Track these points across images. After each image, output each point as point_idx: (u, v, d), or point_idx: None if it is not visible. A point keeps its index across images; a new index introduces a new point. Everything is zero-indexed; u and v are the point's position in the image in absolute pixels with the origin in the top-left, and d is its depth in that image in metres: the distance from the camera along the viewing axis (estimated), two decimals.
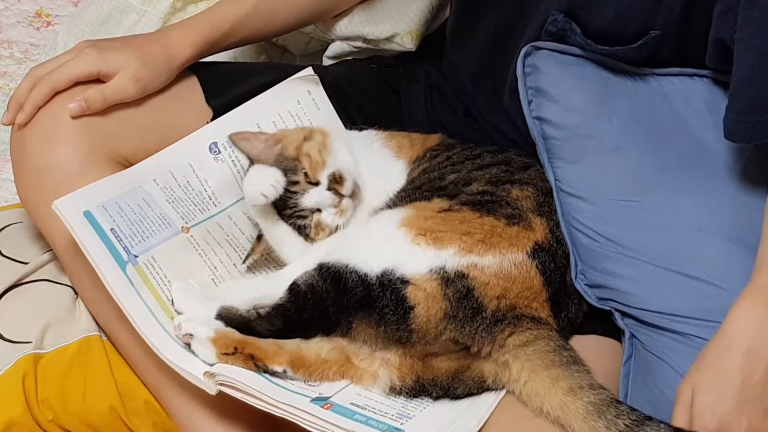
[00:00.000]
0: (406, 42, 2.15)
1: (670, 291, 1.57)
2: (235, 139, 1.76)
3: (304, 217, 1.71)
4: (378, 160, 1.79)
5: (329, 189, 1.69)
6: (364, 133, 1.86)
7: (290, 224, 1.72)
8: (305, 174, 1.71)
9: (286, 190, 1.70)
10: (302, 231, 1.72)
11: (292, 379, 1.54)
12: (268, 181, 1.67)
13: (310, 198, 1.70)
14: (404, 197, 1.69)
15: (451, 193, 1.65)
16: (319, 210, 1.70)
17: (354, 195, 1.71)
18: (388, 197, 1.73)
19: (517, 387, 1.51)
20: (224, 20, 1.90)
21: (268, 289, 1.60)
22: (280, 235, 1.73)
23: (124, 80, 1.77)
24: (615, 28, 1.62)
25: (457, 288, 1.50)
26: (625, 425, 1.40)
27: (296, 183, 1.71)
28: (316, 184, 1.70)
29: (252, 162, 1.75)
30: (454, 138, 1.88)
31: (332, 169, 1.70)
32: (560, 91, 1.67)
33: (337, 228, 1.70)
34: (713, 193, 1.60)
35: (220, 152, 1.82)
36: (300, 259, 1.68)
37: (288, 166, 1.72)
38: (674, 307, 1.57)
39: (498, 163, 1.74)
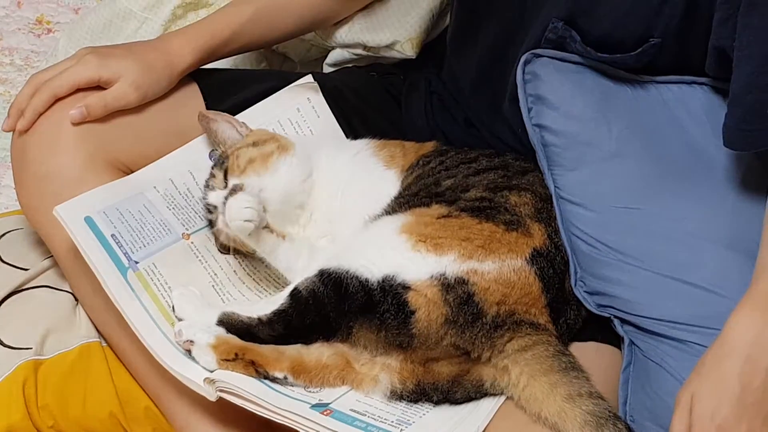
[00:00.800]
0: (407, 49, 2.15)
1: (669, 298, 1.57)
2: (213, 118, 1.79)
3: (210, 212, 1.73)
4: (367, 170, 1.79)
5: (227, 197, 1.68)
6: (356, 143, 1.86)
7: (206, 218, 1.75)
8: (225, 173, 1.72)
9: (211, 174, 1.74)
10: (211, 226, 1.75)
11: (293, 386, 1.54)
12: (242, 206, 1.66)
13: (212, 196, 1.73)
14: (403, 203, 1.68)
15: (450, 199, 1.65)
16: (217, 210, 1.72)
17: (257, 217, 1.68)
18: (380, 207, 1.72)
19: (516, 392, 1.51)
20: (225, 27, 1.90)
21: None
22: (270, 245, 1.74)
23: (125, 87, 1.77)
24: (614, 35, 1.62)
25: (458, 294, 1.51)
26: None
27: (213, 176, 1.74)
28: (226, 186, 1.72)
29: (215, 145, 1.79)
30: (454, 145, 1.88)
31: (239, 181, 1.70)
32: (560, 99, 1.67)
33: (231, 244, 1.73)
34: (713, 200, 1.60)
35: None
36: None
37: (220, 158, 1.75)
38: (673, 314, 1.57)
39: (495, 167, 1.75)
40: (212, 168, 1.75)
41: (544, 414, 1.47)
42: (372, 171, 1.80)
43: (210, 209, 1.74)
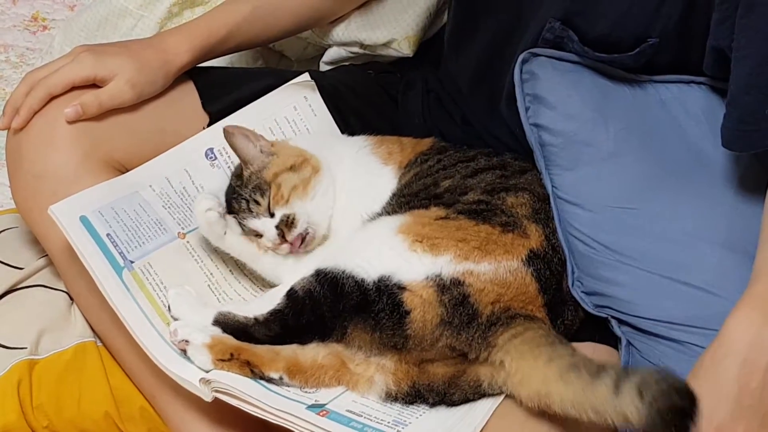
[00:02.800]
0: (403, 48, 2.15)
1: (666, 299, 1.57)
2: (232, 132, 1.75)
3: (244, 230, 1.73)
4: (366, 168, 1.79)
5: (278, 227, 1.69)
6: (354, 139, 1.86)
7: (237, 220, 1.73)
8: (267, 201, 1.71)
9: (247, 202, 1.72)
10: (243, 230, 1.74)
11: (288, 386, 1.53)
12: (207, 207, 1.67)
13: (256, 223, 1.71)
14: (402, 204, 1.68)
15: (448, 201, 1.65)
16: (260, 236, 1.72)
17: (302, 241, 1.70)
18: (377, 204, 1.73)
19: (511, 382, 1.48)
20: (221, 25, 1.89)
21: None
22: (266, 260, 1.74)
23: (121, 85, 1.76)
24: (612, 35, 1.62)
25: (453, 295, 1.50)
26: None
27: (258, 204, 1.71)
28: (272, 215, 1.71)
29: (245, 164, 1.76)
30: (450, 143, 1.88)
31: (290, 211, 1.70)
32: (558, 98, 1.66)
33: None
34: (711, 200, 1.60)
35: (216, 158, 1.82)
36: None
37: (259, 184, 1.72)
38: (671, 314, 1.57)
39: (493, 167, 1.74)
40: (250, 194, 1.72)
41: (533, 389, 1.43)
42: (370, 169, 1.80)
43: (246, 226, 1.73)
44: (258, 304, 1.61)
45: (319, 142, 1.84)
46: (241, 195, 1.73)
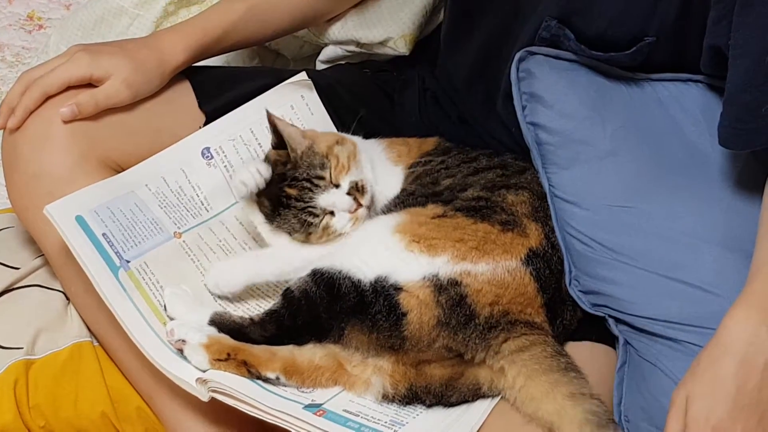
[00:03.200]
0: (400, 46, 2.14)
1: (664, 297, 1.57)
2: (274, 119, 1.73)
3: (315, 215, 1.69)
4: (380, 169, 1.78)
5: (349, 194, 1.68)
6: (369, 142, 1.85)
7: (296, 216, 1.69)
8: (330, 174, 1.70)
9: (309, 181, 1.69)
10: (305, 228, 1.70)
11: (285, 386, 1.53)
12: (250, 171, 1.66)
13: (327, 198, 1.68)
14: (398, 203, 1.69)
15: (446, 198, 1.65)
16: (331, 213, 1.69)
17: (369, 208, 1.70)
18: (386, 202, 1.73)
19: (512, 393, 1.51)
20: (217, 25, 1.89)
21: (258, 270, 1.62)
22: (280, 243, 1.72)
23: (117, 85, 1.76)
24: (609, 34, 1.61)
25: (450, 295, 1.50)
26: None
27: (322, 178, 1.69)
28: (337, 186, 1.70)
29: (276, 147, 1.74)
30: (450, 142, 1.88)
31: (356, 178, 1.70)
32: (554, 97, 1.66)
33: (339, 236, 1.69)
34: (708, 199, 1.60)
35: (212, 157, 1.82)
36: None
37: (315, 161, 1.71)
38: (668, 313, 1.56)
39: (494, 167, 1.74)
40: (311, 172, 1.70)
41: (541, 413, 1.47)
42: (386, 170, 1.80)
43: (315, 212, 1.69)
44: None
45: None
46: (297, 177, 1.70)
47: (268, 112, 1.74)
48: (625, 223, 1.61)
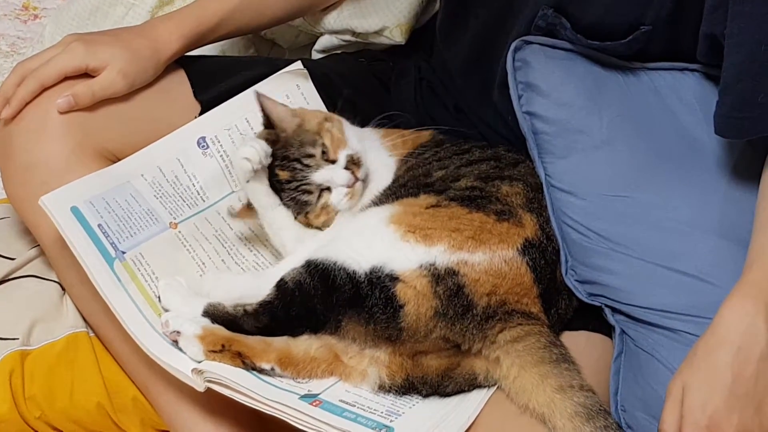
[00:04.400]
0: (396, 35, 2.14)
1: (660, 287, 1.57)
2: (262, 99, 1.74)
3: (309, 192, 1.69)
4: (374, 159, 1.78)
5: (347, 167, 1.69)
6: (365, 130, 1.85)
7: (292, 198, 1.70)
8: (323, 150, 1.70)
9: (299, 161, 1.69)
10: (302, 207, 1.70)
11: (281, 377, 1.53)
12: (252, 146, 1.65)
13: (323, 174, 1.69)
14: (390, 194, 1.68)
15: (439, 188, 1.64)
16: (327, 189, 1.69)
17: (365, 181, 1.71)
18: (378, 192, 1.73)
19: (506, 383, 1.51)
20: (212, 13, 1.89)
21: (256, 288, 1.58)
22: (278, 220, 1.72)
23: (113, 75, 1.76)
24: (605, 23, 1.61)
25: (448, 285, 1.50)
26: None
27: (311, 156, 1.69)
28: (333, 162, 1.70)
29: (267, 128, 1.74)
30: (444, 133, 1.87)
31: (351, 151, 1.70)
32: (550, 86, 1.66)
33: (336, 214, 1.70)
34: (704, 188, 1.60)
35: (208, 147, 1.82)
36: (288, 256, 1.67)
37: (307, 138, 1.71)
38: (665, 303, 1.56)
39: (487, 158, 1.74)
40: (303, 150, 1.71)
41: (532, 404, 1.47)
42: (380, 158, 1.80)
43: (310, 189, 1.70)
44: (249, 281, 1.63)
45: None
46: (289, 157, 1.71)
47: (257, 92, 1.75)
48: (622, 212, 1.61)
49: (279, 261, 1.71)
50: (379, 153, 1.80)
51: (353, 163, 1.70)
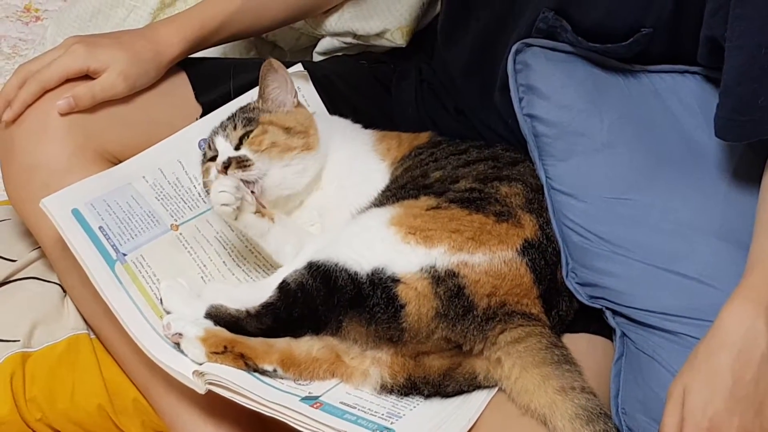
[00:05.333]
0: (397, 38, 2.14)
1: (661, 289, 1.57)
2: (276, 69, 1.80)
3: (210, 150, 1.77)
4: (364, 165, 1.79)
5: (230, 159, 1.71)
6: (362, 134, 1.85)
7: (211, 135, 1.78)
8: (246, 135, 1.73)
9: (234, 123, 1.76)
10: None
11: (282, 378, 1.53)
12: (224, 190, 1.63)
13: (221, 142, 1.75)
14: (390, 196, 1.68)
15: (438, 190, 1.65)
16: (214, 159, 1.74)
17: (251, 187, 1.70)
18: (369, 198, 1.72)
19: (507, 384, 1.51)
20: (214, 16, 1.89)
21: (256, 299, 1.57)
22: (277, 238, 1.70)
23: (113, 77, 1.76)
24: (606, 25, 1.61)
25: (448, 286, 1.50)
26: None
27: (234, 129, 1.75)
28: (236, 149, 1.73)
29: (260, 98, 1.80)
30: (445, 135, 1.87)
31: (252, 159, 1.71)
32: (551, 88, 1.66)
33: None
34: (705, 190, 1.60)
35: None
36: (287, 264, 1.67)
37: (250, 118, 1.77)
38: (665, 305, 1.56)
39: (485, 158, 1.74)
40: (238, 119, 1.76)
41: (534, 406, 1.47)
42: (369, 166, 1.80)
43: (210, 154, 1.76)
44: (247, 293, 1.61)
45: (333, 128, 1.84)
46: (234, 115, 1.78)
47: (269, 61, 1.79)
48: (622, 215, 1.61)
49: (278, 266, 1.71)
50: (369, 160, 1.81)
51: (237, 162, 1.70)
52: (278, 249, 1.70)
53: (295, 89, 1.81)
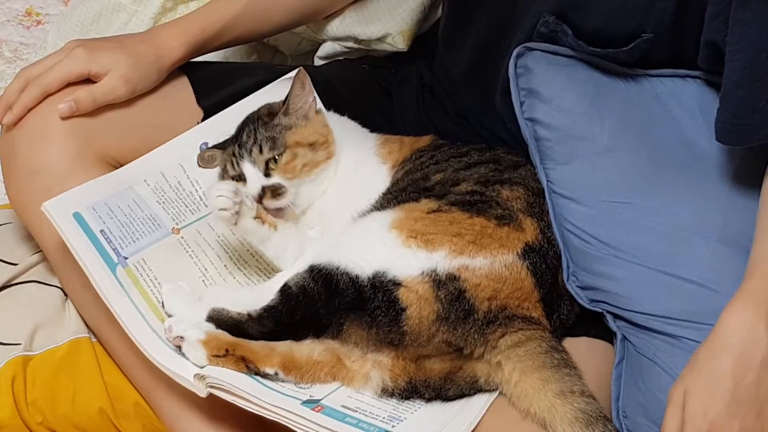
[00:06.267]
0: (398, 42, 2.14)
1: (662, 293, 1.57)
2: (302, 79, 1.75)
3: (234, 168, 1.73)
4: (366, 168, 1.79)
5: (264, 189, 1.69)
6: (365, 140, 1.85)
7: (227, 160, 1.74)
8: (274, 159, 1.71)
9: (261, 145, 1.71)
10: (226, 173, 1.75)
11: (284, 382, 1.53)
12: (221, 195, 1.62)
13: (248, 168, 1.70)
14: (391, 199, 1.68)
15: (439, 193, 1.65)
16: (242, 179, 1.71)
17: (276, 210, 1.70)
18: (369, 203, 1.72)
19: (508, 388, 1.51)
20: (215, 20, 1.89)
21: (257, 303, 1.57)
22: (278, 244, 1.69)
23: (114, 81, 1.76)
24: (606, 30, 1.61)
25: (449, 290, 1.50)
26: None
27: (260, 153, 1.71)
28: (266, 176, 1.71)
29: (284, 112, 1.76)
30: (446, 139, 1.87)
31: (286, 185, 1.70)
32: (552, 92, 1.66)
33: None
34: (705, 194, 1.60)
35: None
36: (287, 268, 1.67)
37: (276, 139, 1.72)
38: (666, 309, 1.56)
39: (486, 161, 1.74)
40: (263, 139, 1.72)
41: (533, 410, 1.47)
42: (370, 169, 1.80)
43: (234, 171, 1.73)
44: (248, 296, 1.61)
45: (342, 130, 1.84)
46: (253, 133, 1.73)
47: (300, 70, 1.75)
48: (623, 218, 1.61)
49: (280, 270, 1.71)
50: (371, 163, 1.81)
51: (272, 191, 1.69)
52: (279, 255, 1.70)
53: (315, 96, 1.80)
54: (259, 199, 1.69)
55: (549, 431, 1.46)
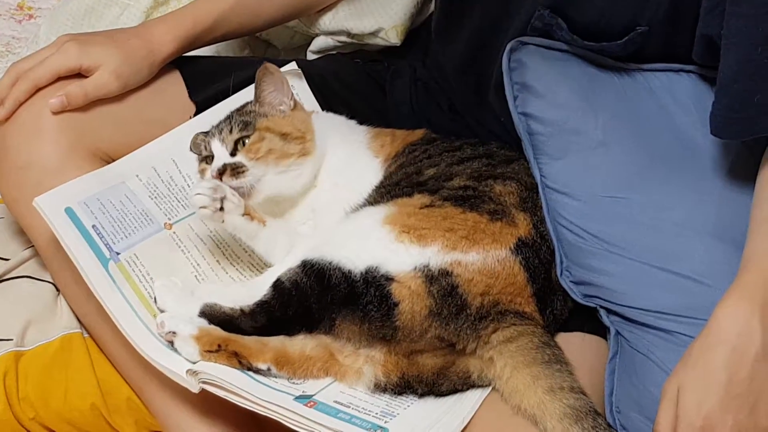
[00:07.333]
0: (391, 37, 2.14)
1: (655, 288, 1.57)
2: (272, 72, 1.76)
3: (206, 149, 1.74)
4: (358, 162, 1.79)
5: (226, 165, 1.68)
6: (355, 134, 1.85)
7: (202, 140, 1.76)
8: (243, 142, 1.71)
9: (231, 126, 1.73)
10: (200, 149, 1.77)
11: (276, 377, 1.53)
12: (200, 193, 1.63)
13: (216, 146, 1.71)
14: (384, 193, 1.68)
15: (432, 188, 1.64)
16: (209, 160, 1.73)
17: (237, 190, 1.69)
18: (362, 197, 1.72)
19: (500, 383, 1.51)
20: (207, 15, 1.89)
21: (249, 299, 1.57)
22: (268, 239, 1.70)
23: (106, 75, 1.76)
24: (601, 23, 1.61)
25: (442, 285, 1.50)
26: None
27: (230, 132, 1.72)
28: (233, 153, 1.71)
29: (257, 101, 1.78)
30: (439, 133, 1.87)
31: (248, 165, 1.69)
32: (546, 87, 1.66)
33: None
34: (700, 189, 1.60)
35: None
36: (278, 263, 1.67)
37: (248, 122, 1.73)
38: (660, 304, 1.56)
39: (479, 156, 1.74)
40: (234, 121, 1.73)
41: (524, 406, 1.47)
42: (362, 163, 1.79)
43: (206, 153, 1.75)
44: (240, 292, 1.61)
45: (329, 126, 1.83)
46: (230, 117, 1.75)
47: (266, 65, 1.76)
48: (617, 213, 1.61)
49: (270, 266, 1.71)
50: (363, 156, 1.80)
51: (233, 169, 1.68)
52: (268, 250, 1.70)
53: (291, 92, 1.79)
54: (219, 175, 1.67)
55: (539, 427, 1.45)
